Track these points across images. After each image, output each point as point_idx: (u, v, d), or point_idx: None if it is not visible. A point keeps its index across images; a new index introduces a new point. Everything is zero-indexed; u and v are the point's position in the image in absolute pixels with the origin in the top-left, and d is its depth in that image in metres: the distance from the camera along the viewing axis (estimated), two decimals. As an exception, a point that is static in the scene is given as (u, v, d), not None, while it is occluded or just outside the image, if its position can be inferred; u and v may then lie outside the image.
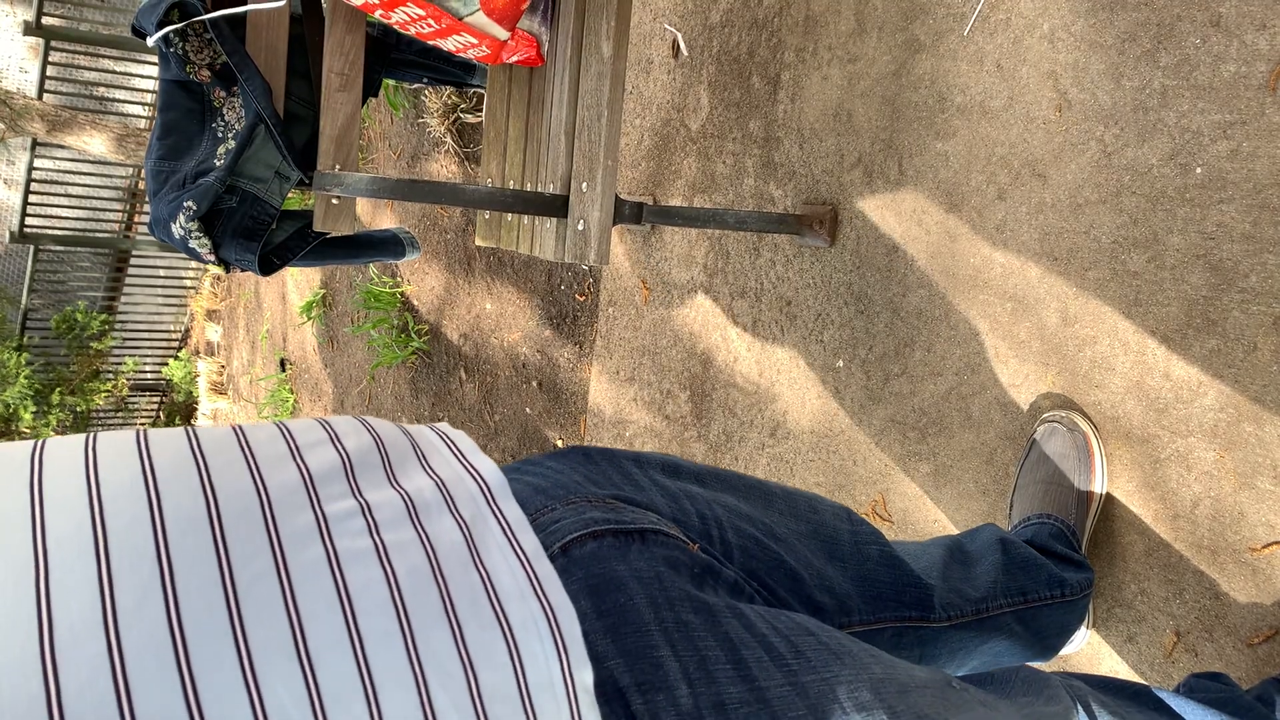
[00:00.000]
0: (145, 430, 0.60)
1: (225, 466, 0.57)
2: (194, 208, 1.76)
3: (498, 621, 0.57)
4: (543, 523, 0.68)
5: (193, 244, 1.80)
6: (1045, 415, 1.48)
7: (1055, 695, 0.94)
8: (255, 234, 1.84)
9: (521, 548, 0.62)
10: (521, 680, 0.56)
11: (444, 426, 0.73)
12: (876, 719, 0.69)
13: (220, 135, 1.86)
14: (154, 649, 0.46)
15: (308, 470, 0.59)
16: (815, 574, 0.91)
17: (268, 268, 1.91)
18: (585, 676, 0.58)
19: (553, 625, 0.58)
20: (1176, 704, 1.07)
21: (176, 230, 1.80)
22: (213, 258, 1.83)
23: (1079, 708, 0.93)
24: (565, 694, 0.56)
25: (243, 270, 1.89)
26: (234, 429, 0.62)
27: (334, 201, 1.91)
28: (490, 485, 0.65)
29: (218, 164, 1.81)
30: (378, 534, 0.57)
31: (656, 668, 0.61)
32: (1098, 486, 1.41)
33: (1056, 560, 1.33)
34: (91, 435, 0.58)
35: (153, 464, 0.55)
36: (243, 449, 0.59)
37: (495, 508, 0.64)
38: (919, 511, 1.72)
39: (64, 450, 0.56)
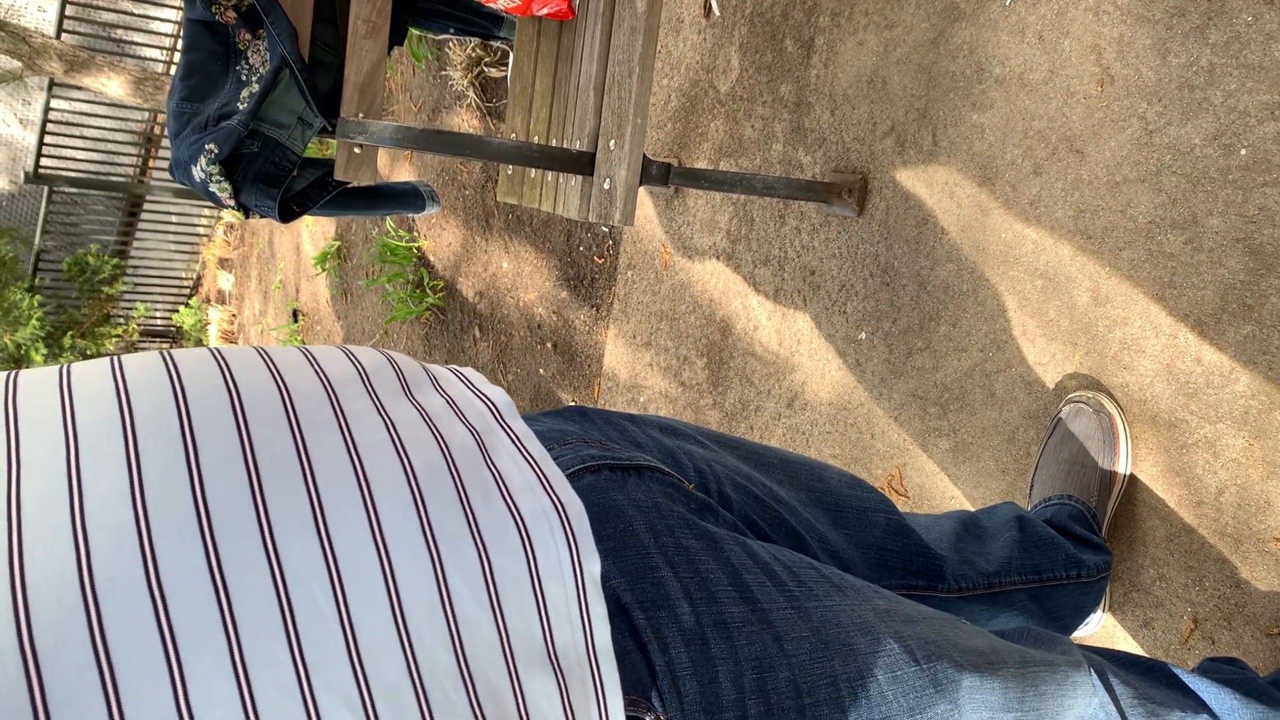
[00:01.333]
0: (170, 350, 0.61)
1: (246, 368, 0.58)
2: (216, 151, 1.73)
3: (510, 513, 0.58)
4: None
5: (213, 188, 1.78)
6: (1071, 395, 1.46)
7: (1067, 649, 0.93)
8: (276, 180, 1.82)
9: (530, 453, 0.63)
10: (533, 567, 0.57)
11: (455, 367, 0.75)
12: (882, 643, 0.69)
13: (244, 79, 1.83)
14: (178, 519, 0.48)
15: (326, 375, 0.60)
16: (818, 536, 0.91)
17: (287, 215, 1.89)
18: (594, 567, 0.59)
19: (563, 517, 0.59)
20: (1191, 681, 1.06)
21: (197, 173, 1.78)
22: (232, 202, 1.81)
23: (1093, 671, 0.92)
24: (574, 582, 0.58)
25: (262, 216, 1.87)
26: (254, 348, 0.63)
27: (356, 151, 1.89)
28: (499, 406, 0.67)
29: (241, 107, 1.79)
30: (394, 430, 0.58)
31: (658, 587, 0.62)
32: (1121, 469, 1.40)
33: (1075, 541, 1.32)
34: (115, 355, 0.59)
35: (176, 366, 0.57)
36: (263, 358, 0.60)
37: (503, 423, 0.65)
38: (936, 488, 1.71)
39: (90, 365, 0.57)
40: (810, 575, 0.71)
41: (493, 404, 0.67)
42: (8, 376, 0.56)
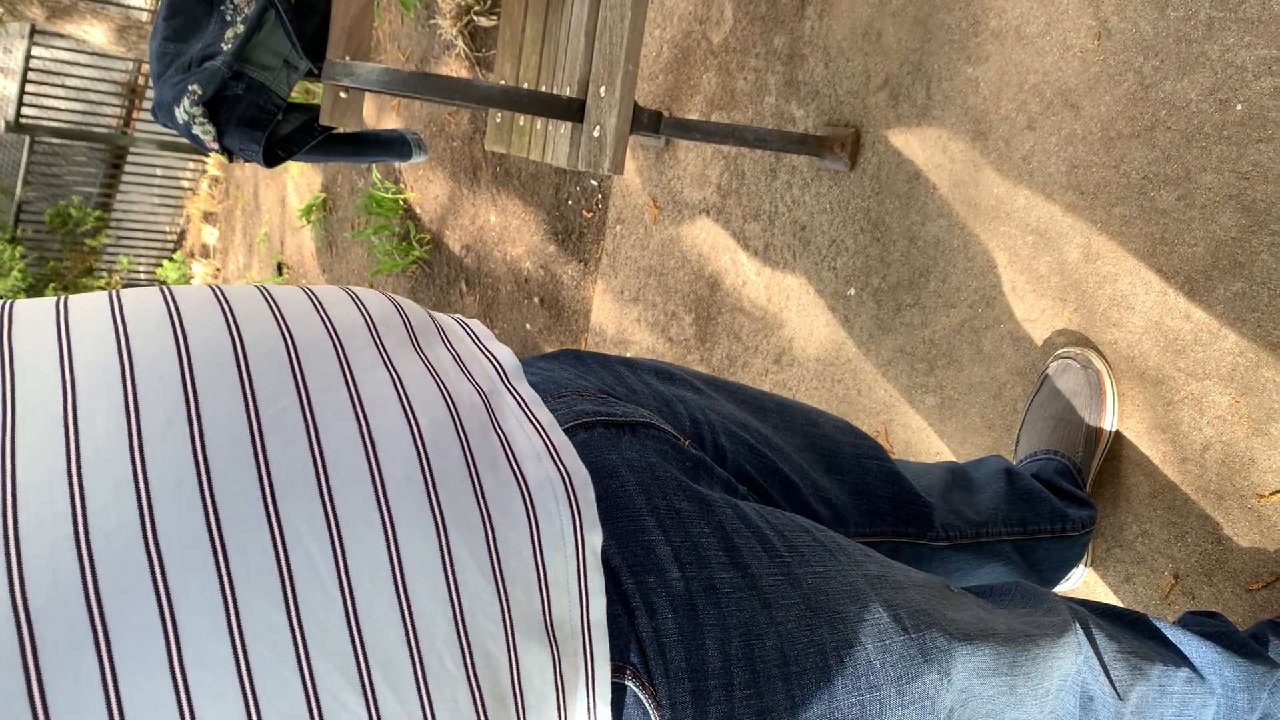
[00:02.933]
0: (170, 286, 0.59)
1: (250, 313, 0.56)
2: (199, 92, 1.70)
3: (515, 480, 0.57)
4: None
5: (196, 130, 1.75)
6: (1059, 351, 1.46)
7: (1054, 607, 0.93)
8: (260, 124, 1.79)
9: (537, 419, 0.62)
10: (536, 537, 0.56)
11: (461, 317, 0.73)
12: (871, 611, 0.69)
13: (229, 19, 1.80)
14: (178, 475, 0.47)
15: (332, 324, 0.58)
16: (811, 484, 0.90)
17: (271, 159, 1.87)
18: (595, 539, 0.58)
19: (568, 487, 0.58)
20: (1172, 633, 1.06)
21: (180, 115, 1.74)
22: (216, 145, 1.78)
23: (1077, 625, 0.92)
24: (575, 553, 0.57)
25: (246, 160, 1.84)
26: (258, 287, 0.61)
27: (342, 95, 1.86)
28: (505, 367, 0.66)
29: (225, 48, 1.76)
30: (401, 386, 0.56)
31: (648, 550, 0.61)
32: (1108, 425, 1.40)
33: (1060, 496, 1.32)
34: (114, 290, 0.58)
35: (178, 306, 0.55)
36: (267, 300, 0.58)
37: (510, 385, 0.64)
38: (922, 444, 1.71)
39: (88, 299, 0.56)
40: (802, 539, 0.70)
41: (499, 364, 0.66)
42: (4, 306, 0.54)
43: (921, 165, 1.71)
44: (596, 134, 1.56)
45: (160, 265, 8.18)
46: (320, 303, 0.60)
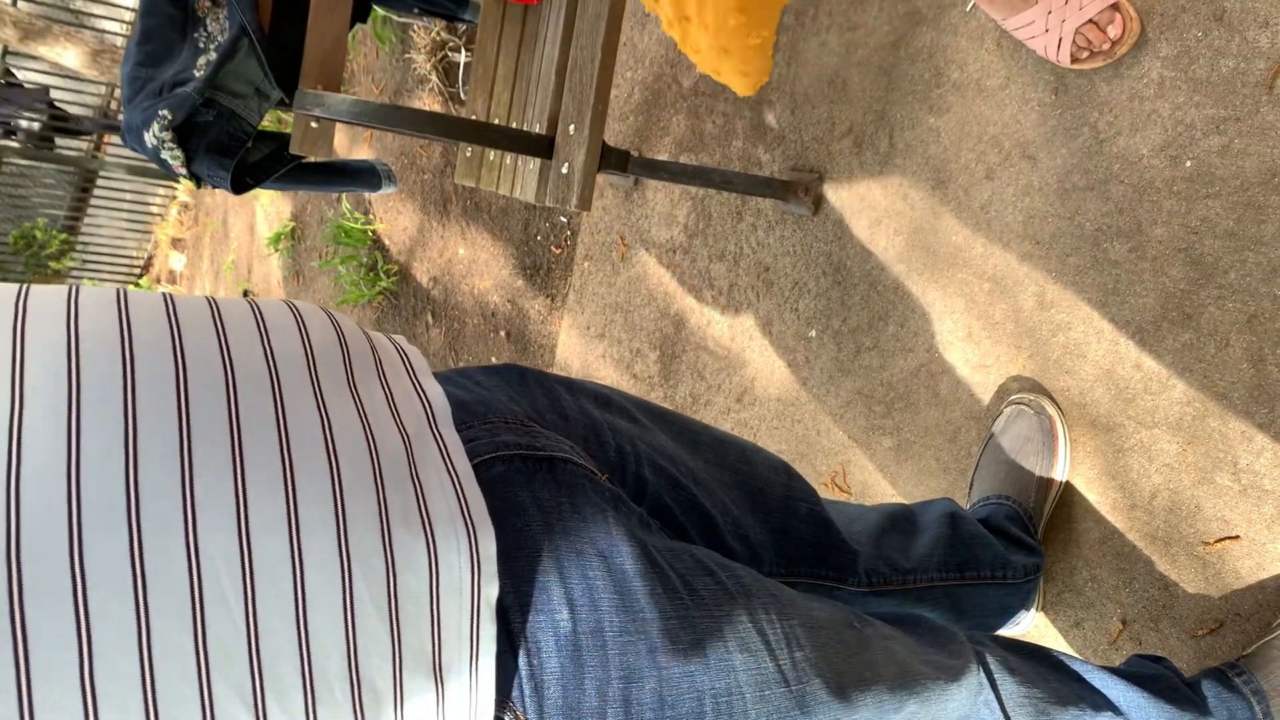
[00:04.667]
0: (125, 290, 0.62)
1: (198, 337, 0.59)
2: (169, 117, 1.71)
3: (424, 531, 0.60)
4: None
5: (165, 155, 1.75)
6: (1013, 397, 1.48)
7: (957, 650, 0.94)
8: (230, 150, 1.80)
9: (455, 470, 0.65)
10: (434, 586, 0.59)
11: (401, 340, 0.76)
12: (757, 659, 0.71)
13: (201, 46, 1.81)
14: (108, 502, 0.50)
15: (273, 355, 0.61)
16: (730, 520, 0.92)
17: (240, 186, 1.87)
18: (491, 591, 0.61)
19: (472, 543, 0.61)
20: (1096, 677, 1.07)
21: (149, 139, 1.75)
22: (184, 171, 1.79)
23: (978, 667, 0.94)
24: (470, 604, 0.60)
25: (214, 187, 1.85)
26: (209, 300, 0.63)
27: (313, 125, 1.87)
28: (434, 409, 0.69)
29: (197, 75, 1.76)
30: (329, 429, 0.59)
31: (542, 591, 0.64)
32: (1059, 473, 1.42)
33: (1008, 542, 1.34)
34: (74, 287, 0.60)
35: (130, 323, 0.57)
36: (215, 324, 0.61)
37: (436, 431, 0.67)
38: (878, 485, 1.72)
39: (48, 298, 0.58)
40: (703, 583, 0.72)
41: (429, 406, 0.68)
42: (19, 292, 0.57)
43: (883, 211, 1.74)
44: (565, 170, 1.58)
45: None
46: (265, 328, 0.63)
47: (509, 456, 0.69)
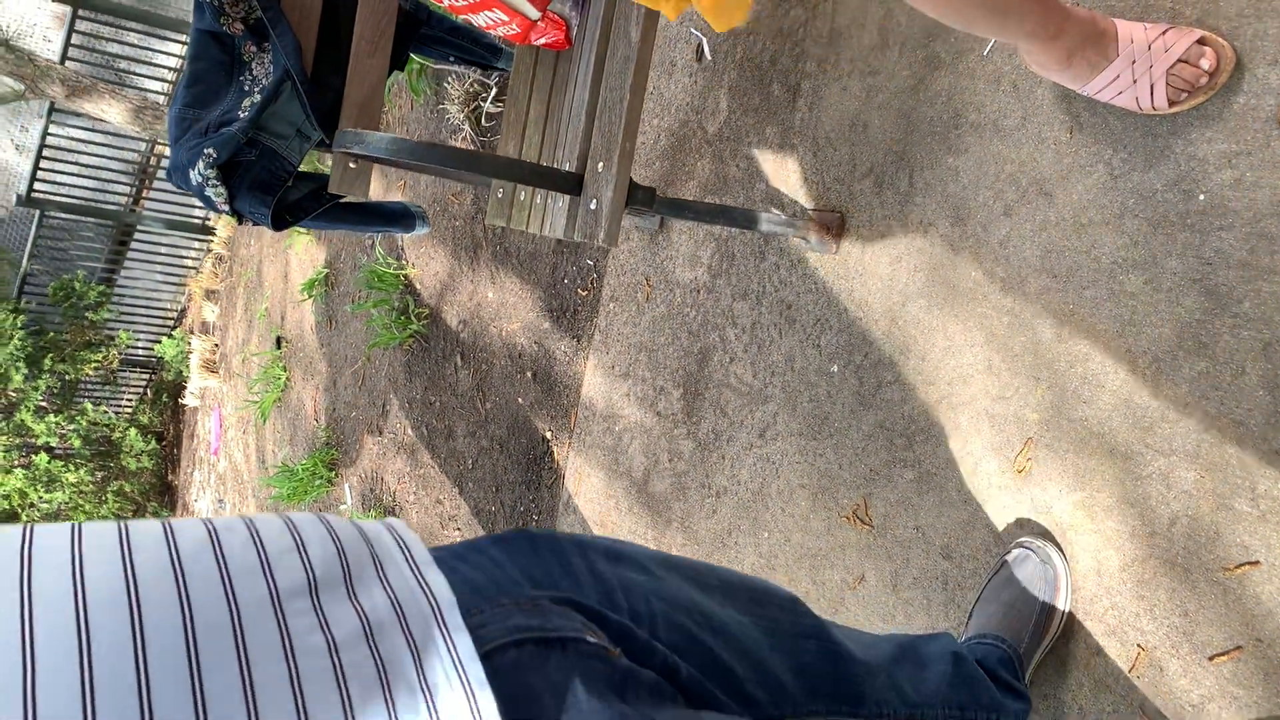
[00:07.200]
0: (127, 525, 0.64)
1: (201, 577, 0.61)
2: (214, 155, 1.78)
3: None
4: (470, 625, 0.71)
5: (209, 191, 1.82)
6: (1021, 539, 1.51)
7: None
8: (271, 188, 1.87)
9: (467, 677, 0.66)
10: None
11: (397, 525, 0.78)
12: None
13: (246, 89, 1.89)
14: None
15: (275, 586, 0.64)
16: (750, 666, 0.95)
17: (279, 223, 1.94)
18: None
19: None
20: None
21: (194, 176, 1.82)
22: (227, 207, 1.86)
23: None
24: None
25: (255, 223, 1.91)
26: (209, 531, 0.66)
27: (351, 165, 1.94)
28: (441, 606, 0.69)
29: (241, 115, 1.84)
30: (336, 654, 0.62)
31: None
32: (1055, 626, 1.45)
33: (1000, 687, 1.37)
34: (77, 527, 0.63)
35: (135, 570, 0.60)
36: (218, 559, 0.63)
37: (446, 633, 0.68)
38: (900, 517, 1.74)
39: (52, 541, 0.60)
40: None
41: (436, 604, 0.69)
42: (24, 537, 0.60)
43: (903, 248, 1.78)
44: (593, 207, 1.64)
45: (159, 342, 8.24)
46: (266, 557, 0.66)
47: (521, 641, 0.71)
